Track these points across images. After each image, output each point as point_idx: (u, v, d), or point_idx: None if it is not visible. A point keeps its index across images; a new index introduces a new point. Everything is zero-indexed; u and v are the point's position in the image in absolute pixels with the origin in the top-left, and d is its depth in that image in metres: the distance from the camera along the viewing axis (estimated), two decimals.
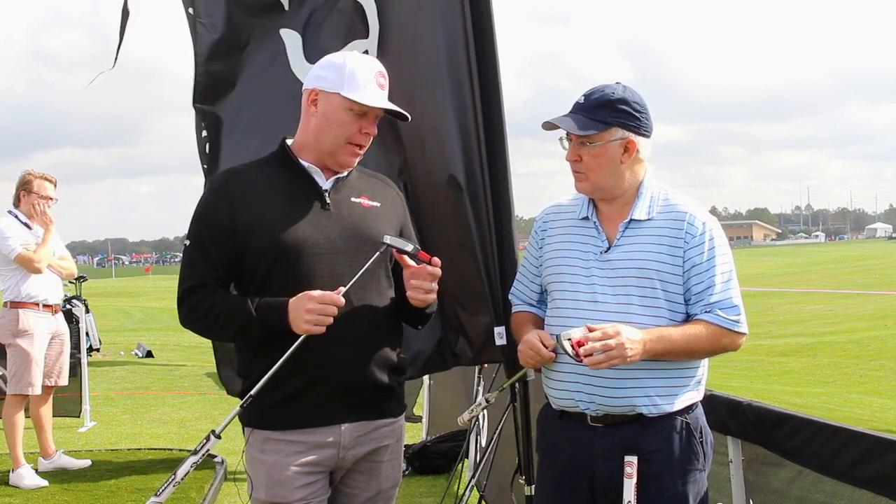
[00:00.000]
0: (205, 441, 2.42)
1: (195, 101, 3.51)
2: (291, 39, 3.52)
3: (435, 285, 2.51)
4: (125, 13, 3.53)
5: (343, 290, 2.39)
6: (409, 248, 2.46)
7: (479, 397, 5.22)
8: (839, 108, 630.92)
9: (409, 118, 2.61)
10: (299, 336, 2.38)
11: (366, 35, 3.45)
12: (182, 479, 2.39)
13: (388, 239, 2.47)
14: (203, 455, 2.41)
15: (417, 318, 2.68)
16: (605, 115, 2.48)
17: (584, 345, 2.32)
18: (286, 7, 3.49)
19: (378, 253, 2.46)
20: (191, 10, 3.59)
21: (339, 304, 2.37)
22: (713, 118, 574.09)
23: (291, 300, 2.39)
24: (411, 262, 2.49)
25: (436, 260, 2.49)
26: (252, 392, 2.40)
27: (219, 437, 2.42)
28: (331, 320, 2.36)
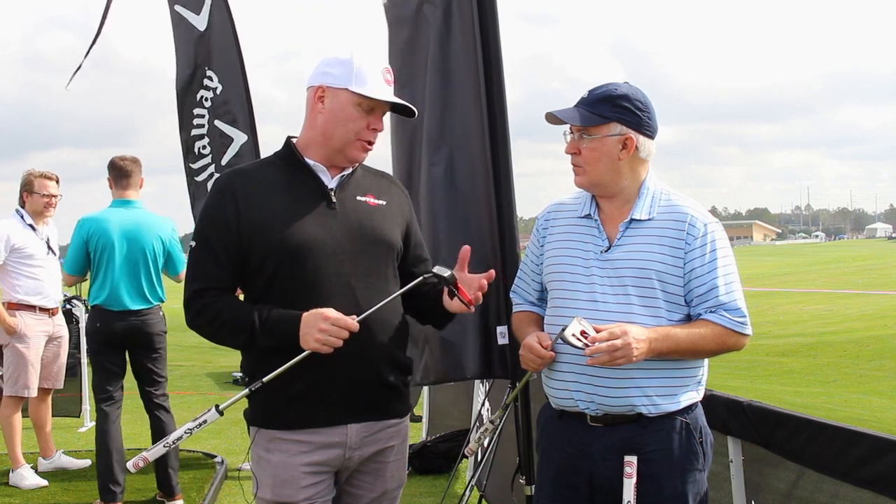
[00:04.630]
0: (206, 411, 2.39)
1: None
2: None
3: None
4: (107, 9, 3.58)
5: (358, 318, 2.38)
6: (447, 273, 2.46)
7: (480, 397, 5.22)
8: (832, 109, 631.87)
9: (416, 113, 2.61)
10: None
11: None
12: (174, 442, 2.39)
13: (435, 269, 2.48)
14: (201, 425, 2.37)
15: (444, 318, 2.68)
16: (605, 110, 2.48)
17: (587, 335, 2.33)
18: None
19: (410, 285, 2.49)
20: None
21: (353, 329, 2.36)
22: (707, 119, 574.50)
23: (306, 315, 2.37)
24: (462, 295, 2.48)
25: (472, 301, 2.48)
26: (265, 379, 2.38)
27: (221, 412, 2.40)
28: (339, 343, 2.35)
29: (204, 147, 6.20)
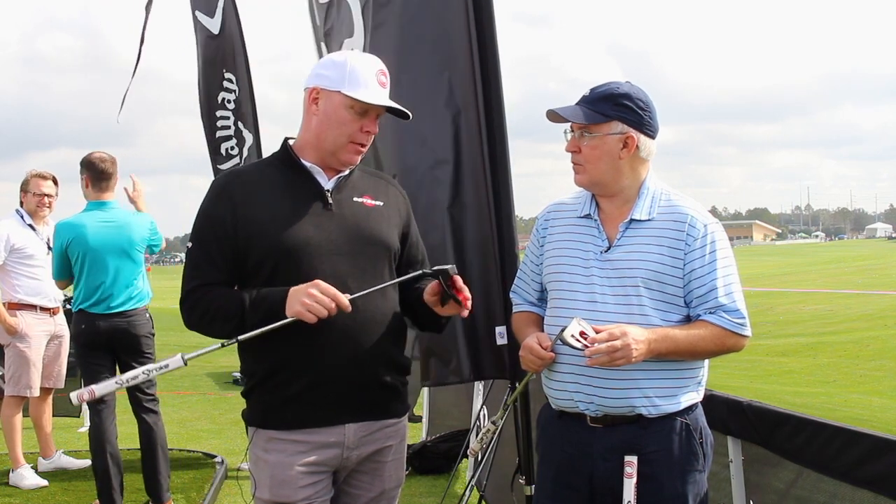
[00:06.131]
0: (170, 356, 2.36)
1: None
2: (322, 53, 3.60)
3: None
4: (147, 11, 3.60)
5: (350, 297, 2.37)
6: (448, 266, 2.43)
7: (479, 401, 5.22)
8: (830, 109, 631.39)
9: (411, 116, 2.61)
10: (307, 331, 2.38)
11: (350, 34, 3.48)
12: (128, 381, 2.37)
13: (435, 268, 2.47)
14: (162, 369, 2.34)
15: (438, 323, 2.68)
16: (607, 109, 2.48)
17: (586, 336, 2.33)
18: (318, 23, 3.56)
19: (409, 276, 2.49)
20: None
21: (343, 304, 2.35)
22: (706, 119, 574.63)
23: (295, 286, 2.36)
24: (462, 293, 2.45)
25: (466, 299, 2.46)
26: (241, 337, 2.37)
27: (185, 363, 2.37)
28: (325, 313, 2.33)
29: (232, 148, 6.26)
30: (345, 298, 2.35)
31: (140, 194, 5.54)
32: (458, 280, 2.44)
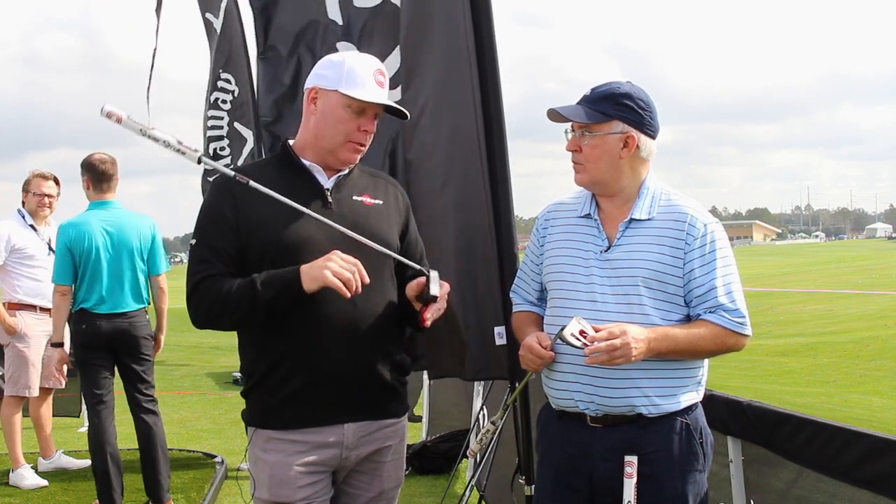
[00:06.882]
0: (194, 150, 2.38)
1: (265, 125, 3.66)
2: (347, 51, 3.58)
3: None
4: (158, 14, 3.64)
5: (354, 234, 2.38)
6: (434, 290, 2.44)
7: (479, 401, 5.22)
8: (830, 109, 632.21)
9: (409, 116, 2.61)
10: (306, 331, 2.40)
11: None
12: (145, 132, 2.32)
13: (433, 275, 2.47)
14: (180, 147, 2.35)
15: (416, 320, 2.67)
16: (608, 108, 2.49)
17: (586, 335, 2.33)
18: (340, 22, 3.54)
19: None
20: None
21: (363, 275, 2.35)
22: (706, 119, 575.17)
23: (306, 264, 2.37)
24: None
25: (426, 320, 2.47)
26: (252, 183, 2.36)
27: (200, 161, 2.39)
28: (352, 282, 2.32)
29: (222, 149, 6.24)
30: (364, 272, 2.36)
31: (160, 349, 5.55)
32: (430, 310, 2.46)
